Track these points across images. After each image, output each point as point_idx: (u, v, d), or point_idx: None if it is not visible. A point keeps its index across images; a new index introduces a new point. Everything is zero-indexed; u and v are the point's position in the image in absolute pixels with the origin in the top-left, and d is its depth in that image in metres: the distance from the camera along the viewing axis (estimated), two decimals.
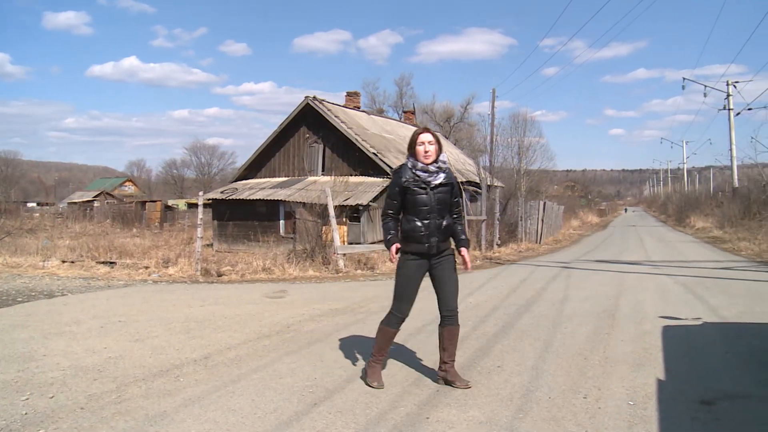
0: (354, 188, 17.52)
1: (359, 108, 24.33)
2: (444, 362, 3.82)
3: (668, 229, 31.11)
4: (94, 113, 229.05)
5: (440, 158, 3.74)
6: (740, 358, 4.46)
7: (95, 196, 54.81)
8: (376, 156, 18.55)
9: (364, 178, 18.59)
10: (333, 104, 21.11)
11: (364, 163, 18.86)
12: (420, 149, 3.71)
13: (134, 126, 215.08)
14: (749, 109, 26.01)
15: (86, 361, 4.44)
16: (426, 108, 46.96)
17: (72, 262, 11.60)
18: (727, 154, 28.46)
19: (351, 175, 18.04)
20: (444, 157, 3.78)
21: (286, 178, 20.53)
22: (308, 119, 20.15)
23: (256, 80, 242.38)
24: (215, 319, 6.18)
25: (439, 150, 3.74)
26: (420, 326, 5.49)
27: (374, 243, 16.25)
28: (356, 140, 18.91)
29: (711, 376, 3.97)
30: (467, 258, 3.85)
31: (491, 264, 12.86)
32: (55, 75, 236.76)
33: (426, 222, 3.67)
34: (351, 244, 15.22)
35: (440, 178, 3.71)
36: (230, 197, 19.73)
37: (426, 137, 3.72)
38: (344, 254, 11.69)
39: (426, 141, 3.71)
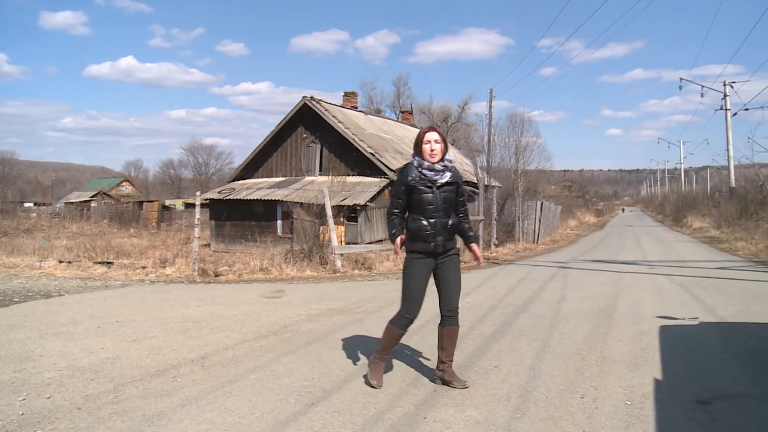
0: (351, 188, 17.53)
1: (357, 108, 24.33)
2: (442, 362, 3.82)
3: (665, 229, 31.19)
4: (92, 113, 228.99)
5: (446, 157, 3.74)
6: (737, 358, 4.47)
7: (92, 196, 54.66)
8: (374, 156, 18.56)
9: (362, 178, 18.60)
10: (330, 104, 21.11)
11: (362, 163, 18.88)
12: (426, 148, 3.70)
13: (132, 126, 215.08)
14: (746, 110, 26.08)
15: (83, 362, 4.43)
16: (423, 108, 46.96)
17: (69, 263, 11.57)
18: (724, 155, 28.59)
19: (348, 175, 18.08)
20: (450, 156, 3.79)
21: (284, 178, 20.52)
22: (305, 119, 20.15)
23: (254, 80, 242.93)
24: (212, 320, 6.17)
25: (445, 149, 3.75)
26: (418, 326, 5.45)
27: (372, 243, 16.27)
28: (353, 140, 18.91)
29: (708, 376, 3.98)
30: (479, 252, 3.89)
31: (489, 264, 12.86)
32: (53, 75, 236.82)
33: (432, 221, 3.66)
34: (348, 244, 15.21)
35: (446, 177, 3.71)
36: (227, 197, 19.71)
37: (432, 136, 3.72)
38: (341, 254, 11.69)
39: (432, 140, 3.70)
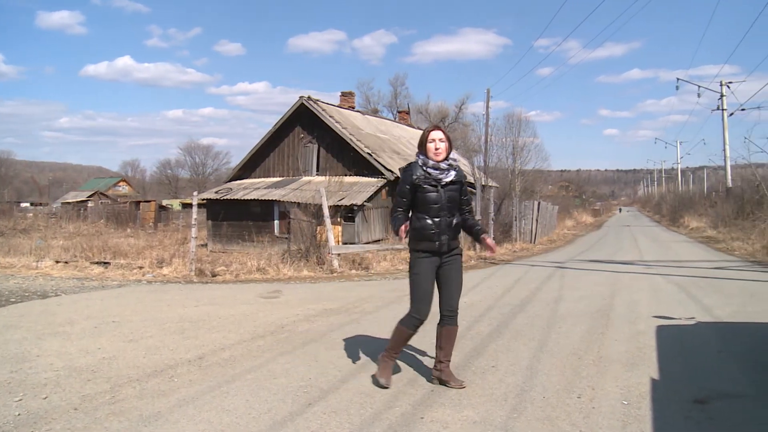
0: (348, 188, 17.53)
1: (354, 108, 24.32)
2: (440, 361, 3.82)
3: (662, 229, 31.25)
4: (89, 113, 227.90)
5: (450, 156, 3.75)
6: (734, 358, 4.48)
7: (89, 196, 54.56)
8: (371, 156, 18.56)
9: (359, 178, 18.59)
10: (328, 104, 21.10)
11: (359, 163, 18.87)
12: (431, 146, 3.69)
13: (129, 126, 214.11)
14: (742, 110, 26.20)
15: (80, 362, 4.42)
16: (421, 108, 47.08)
17: (66, 263, 11.55)
18: (721, 155, 28.65)
19: (345, 175, 18.05)
20: (454, 155, 3.80)
21: (281, 178, 20.50)
22: (303, 119, 20.13)
23: (251, 80, 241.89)
24: (209, 320, 6.16)
25: (450, 148, 3.74)
26: None
27: (369, 243, 16.26)
28: (351, 140, 18.91)
29: (704, 376, 3.99)
30: (492, 242, 3.87)
31: (486, 264, 12.88)
32: (49, 74, 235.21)
33: (437, 220, 3.66)
34: (346, 244, 15.21)
35: (451, 176, 3.71)
36: (225, 197, 19.69)
37: (437, 134, 3.71)
38: (339, 254, 11.69)
39: (437, 138, 3.70)
